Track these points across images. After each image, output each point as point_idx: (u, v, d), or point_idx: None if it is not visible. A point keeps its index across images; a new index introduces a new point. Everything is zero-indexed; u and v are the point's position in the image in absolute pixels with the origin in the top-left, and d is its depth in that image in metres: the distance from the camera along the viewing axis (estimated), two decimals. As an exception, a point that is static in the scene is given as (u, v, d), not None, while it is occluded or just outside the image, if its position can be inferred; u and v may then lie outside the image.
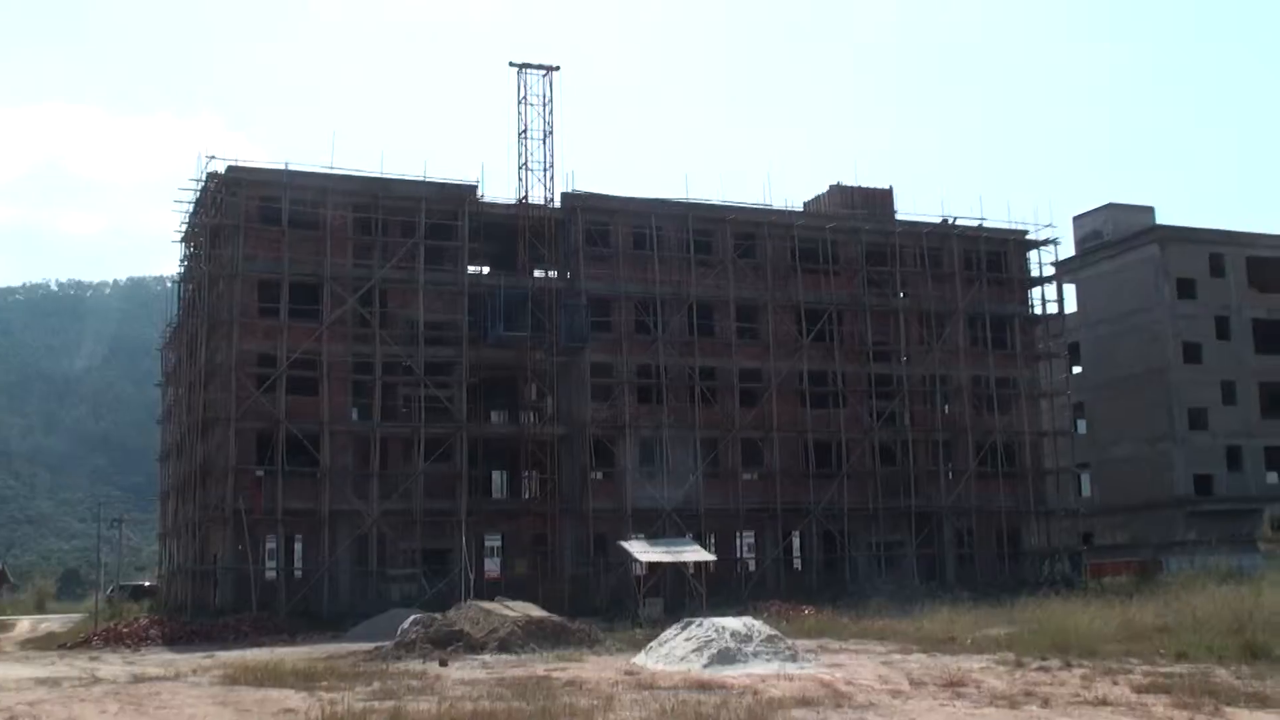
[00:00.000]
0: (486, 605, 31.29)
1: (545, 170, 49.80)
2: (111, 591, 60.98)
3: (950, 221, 56.44)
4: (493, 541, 51.70)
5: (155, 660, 29.11)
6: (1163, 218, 68.97)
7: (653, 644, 25.34)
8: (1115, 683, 19.09)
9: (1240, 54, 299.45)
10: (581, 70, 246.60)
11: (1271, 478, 65.97)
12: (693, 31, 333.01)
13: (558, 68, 50.63)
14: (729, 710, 16.22)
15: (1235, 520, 58.69)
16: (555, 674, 21.96)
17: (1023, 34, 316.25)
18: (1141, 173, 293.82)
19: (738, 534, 52.15)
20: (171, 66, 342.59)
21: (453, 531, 45.48)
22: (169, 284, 65.57)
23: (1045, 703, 16.96)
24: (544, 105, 50.30)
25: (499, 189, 71.51)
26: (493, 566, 51.47)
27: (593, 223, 51.00)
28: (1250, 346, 65.78)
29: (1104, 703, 16.82)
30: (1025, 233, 58.06)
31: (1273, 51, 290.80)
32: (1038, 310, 58.87)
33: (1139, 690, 17.99)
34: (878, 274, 55.05)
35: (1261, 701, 16.56)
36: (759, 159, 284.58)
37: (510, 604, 32.12)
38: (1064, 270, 65.99)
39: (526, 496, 50.86)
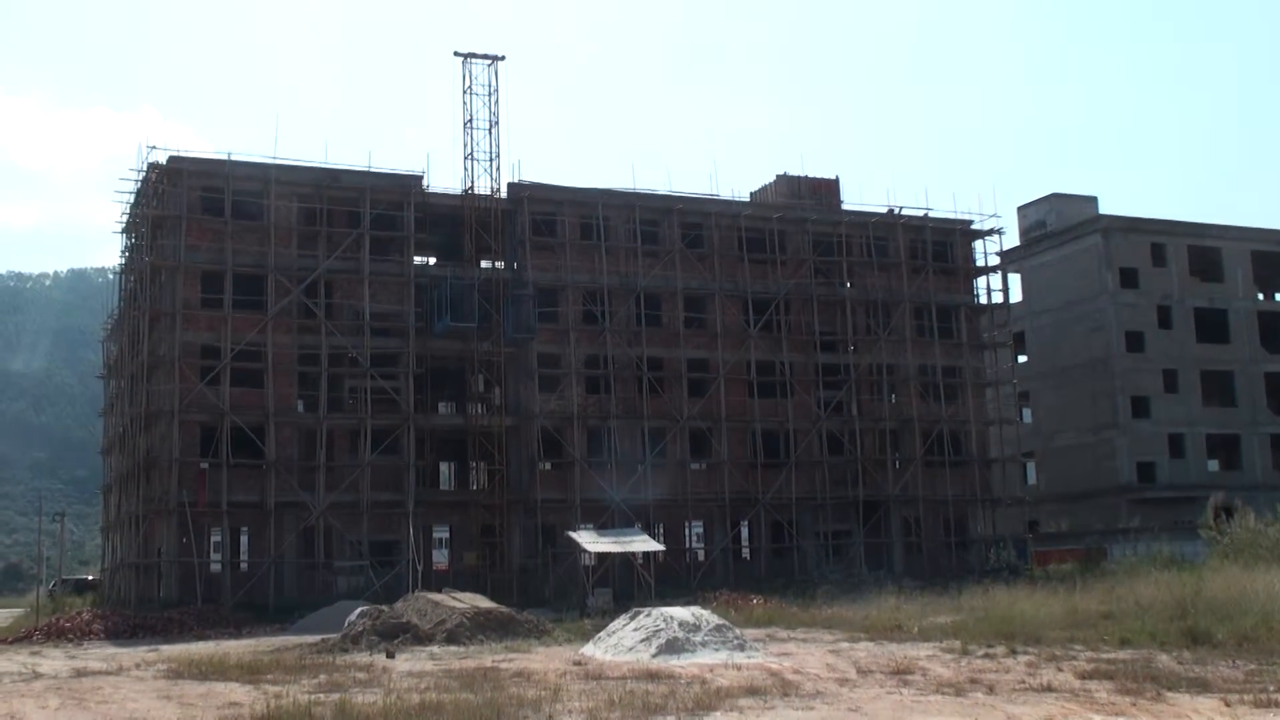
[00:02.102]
0: (434, 596, 31.16)
1: (491, 160, 49.66)
2: (54, 586, 60.49)
3: (896, 211, 56.68)
4: (440, 533, 51.56)
5: (98, 655, 28.76)
6: (1106, 207, 69.68)
7: (601, 634, 25.29)
8: (1060, 669, 19.22)
9: (1182, 45, 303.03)
10: (528, 60, 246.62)
11: (1213, 465, 66.81)
12: (639, 21, 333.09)
13: (503, 57, 50.49)
14: (677, 700, 16.21)
15: (1177, 508, 59.27)
16: (503, 665, 21.88)
17: (967, 25, 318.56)
18: (1085, 162, 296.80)
19: (686, 524, 52.27)
20: (108, 58, 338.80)
21: (400, 523, 45.36)
22: (111, 275, 64.90)
23: (991, 689, 17.04)
24: (489, 95, 50.12)
25: (445, 179, 71.35)
26: (441, 558, 51.36)
27: (539, 213, 50.83)
28: (1192, 335, 66.40)
29: (1048, 689, 16.92)
30: (970, 223, 58.38)
31: (1214, 42, 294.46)
32: (983, 300, 59.27)
33: (1083, 676, 18.11)
34: (824, 264, 55.20)
35: (1203, 686, 16.71)
36: (706, 149, 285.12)
37: (458, 595, 31.99)
38: (1009, 260, 66.42)
39: (474, 488, 50.70)
